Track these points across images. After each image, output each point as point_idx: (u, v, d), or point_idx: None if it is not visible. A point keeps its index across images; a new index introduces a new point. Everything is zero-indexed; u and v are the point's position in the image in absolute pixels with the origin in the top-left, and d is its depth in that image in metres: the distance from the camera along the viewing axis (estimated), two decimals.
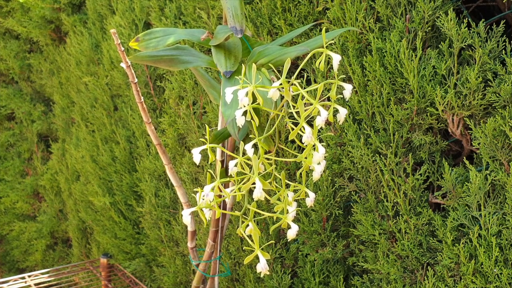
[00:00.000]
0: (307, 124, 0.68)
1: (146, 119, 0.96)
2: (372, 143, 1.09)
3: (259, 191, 0.68)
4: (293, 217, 0.73)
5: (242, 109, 0.69)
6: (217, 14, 1.45)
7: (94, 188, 2.16)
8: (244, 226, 0.73)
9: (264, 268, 0.70)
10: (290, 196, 0.74)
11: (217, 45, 0.82)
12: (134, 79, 0.91)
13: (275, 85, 0.68)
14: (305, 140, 0.68)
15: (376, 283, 1.15)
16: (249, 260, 0.70)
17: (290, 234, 0.73)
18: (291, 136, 0.69)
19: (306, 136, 0.67)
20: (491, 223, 0.93)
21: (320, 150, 0.69)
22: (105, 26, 2.08)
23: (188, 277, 1.75)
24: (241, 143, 0.72)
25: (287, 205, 0.73)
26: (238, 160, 0.73)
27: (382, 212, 1.11)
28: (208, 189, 0.72)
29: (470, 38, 0.94)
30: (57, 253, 2.74)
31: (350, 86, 0.73)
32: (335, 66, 0.70)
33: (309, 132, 0.67)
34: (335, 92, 0.72)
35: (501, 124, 0.90)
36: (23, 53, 2.81)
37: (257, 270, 0.71)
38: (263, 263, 0.70)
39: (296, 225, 0.72)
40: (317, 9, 1.20)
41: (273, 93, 0.69)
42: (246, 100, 0.68)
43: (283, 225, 0.73)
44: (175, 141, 1.69)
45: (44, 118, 2.77)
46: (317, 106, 0.67)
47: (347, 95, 0.73)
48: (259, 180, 0.68)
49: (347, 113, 0.86)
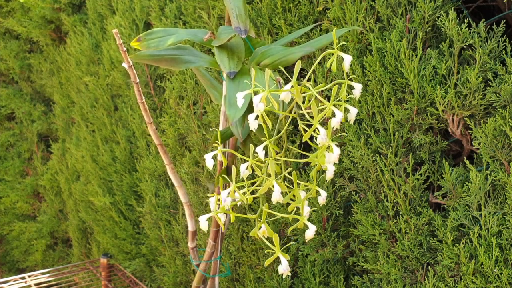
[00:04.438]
0: (320, 126, 0.68)
1: (148, 119, 0.96)
2: (372, 143, 1.09)
3: (278, 194, 0.68)
4: (307, 217, 0.73)
5: (255, 113, 0.68)
6: (218, 14, 1.45)
7: (94, 188, 2.16)
8: (258, 227, 0.72)
9: (286, 269, 0.70)
10: (302, 195, 0.74)
11: (220, 46, 0.82)
12: (136, 79, 0.91)
13: (287, 88, 0.68)
14: (319, 141, 0.67)
15: (376, 283, 1.15)
16: (269, 262, 0.69)
17: (308, 235, 0.72)
18: (305, 137, 0.69)
19: (320, 137, 0.67)
20: (491, 223, 0.93)
21: (335, 151, 0.69)
22: (105, 26, 2.08)
23: (188, 277, 1.75)
24: (251, 146, 0.72)
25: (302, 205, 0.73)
26: (249, 162, 0.73)
27: (382, 212, 1.11)
28: (225, 194, 0.72)
29: (470, 38, 0.94)
30: (57, 253, 2.74)
31: (360, 85, 0.73)
32: (347, 67, 0.70)
33: (323, 133, 0.67)
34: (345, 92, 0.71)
35: (502, 124, 0.90)
36: (23, 53, 2.81)
37: (278, 271, 0.71)
38: (285, 265, 0.70)
39: (313, 225, 0.72)
40: (318, 9, 1.20)
41: (285, 95, 0.68)
42: (262, 106, 0.67)
43: (299, 225, 0.72)
44: (176, 141, 1.69)
45: (44, 118, 2.77)
46: (331, 107, 0.68)
47: (357, 94, 0.73)
48: (276, 183, 0.68)
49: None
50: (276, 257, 0.70)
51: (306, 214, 0.72)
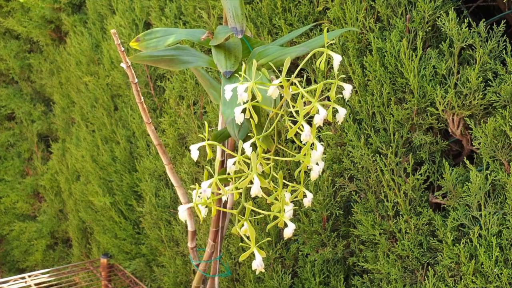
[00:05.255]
0: (306, 123, 0.68)
1: (147, 119, 0.96)
2: (373, 143, 1.09)
3: (257, 187, 0.68)
4: (290, 216, 0.74)
5: (241, 106, 0.69)
6: (218, 14, 1.45)
7: (94, 188, 2.16)
8: (240, 225, 0.73)
9: (259, 265, 0.70)
10: (287, 197, 0.75)
11: (217, 45, 0.82)
12: (134, 79, 0.91)
13: (275, 83, 0.68)
14: (303, 138, 0.68)
15: (376, 283, 1.15)
16: (244, 257, 0.70)
17: (286, 233, 0.73)
18: (289, 134, 0.69)
19: (304, 134, 0.67)
20: (491, 223, 0.93)
21: (318, 148, 0.69)
22: (105, 26, 2.08)
23: (188, 277, 1.75)
24: (240, 142, 0.72)
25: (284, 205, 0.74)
26: (236, 158, 0.73)
27: (383, 212, 1.11)
28: (206, 185, 0.72)
29: (470, 38, 0.94)
30: (57, 253, 2.74)
31: (350, 87, 0.73)
32: (336, 66, 0.70)
33: (308, 130, 0.67)
34: (335, 92, 0.72)
35: (502, 124, 0.90)
36: (23, 53, 2.81)
37: (252, 267, 0.71)
38: (258, 260, 0.70)
39: (293, 223, 0.73)
40: (317, 9, 1.20)
41: (272, 91, 0.69)
42: (245, 95, 0.68)
43: (280, 224, 0.73)
44: (176, 141, 1.69)
45: (44, 118, 2.77)
46: (316, 104, 0.68)
47: (346, 95, 0.74)
48: (257, 177, 0.68)
49: (347, 113, 0.86)
50: (251, 252, 0.71)
51: (288, 213, 0.73)
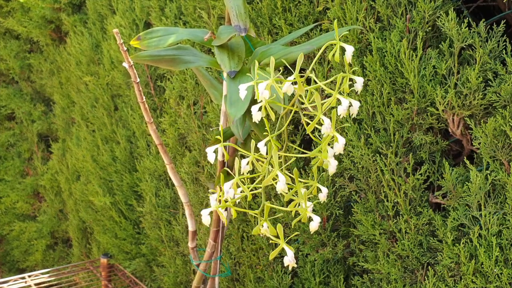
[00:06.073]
0: (325, 116, 0.67)
1: (148, 118, 0.96)
2: (373, 143, 1.09)
3: (283, 183, 0.68)
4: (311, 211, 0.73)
5: (258, 104, 0.68)
6: (218, 14, 1.45)
7: (95, 188, 2.16)
8: (260, 224, 0.72)
9: (291, 261, 0.69)
10: (303, 192, 0.74)
11: (220, 45, 0.83)
12: (136, 78, 0.91)
13: (290, 79, 0.68)
14: (324, 131, 0.67)
15: (376, 283, 1.15)
16: (274, 254, 0.69)
17: (312, 226, 0.72)
18: (308, 129, 0.68)
19: (325, 127, 0.66)
20: (491, 223, 0.93)
21: (340, 140, 0.68)
22: (105, 26, 2.08)
23: (189, 277, 1.75)
24: (252, 142, 0.72)
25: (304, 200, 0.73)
26: (250, 158, 0.73)
27: (383, 212, 1.11)
28: (228, 186, 0.72)
29: (470, 38, 0.94)
30: (57, 253, 2.74)
31: (362, 79, 0.72)
32: (349, 57, 0.70)
33: (328, 123, 0.66)
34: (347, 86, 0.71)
35: (502, 124, 0.90)
36: (23, 53, 2.81)
37: (284, 263, 0.70)
38: (290, 256, 0.69)
39: (318, 216, 0.72)
40: (318, 9, 1.20)
41: (287, 87, 0.68)
42: (266, 93, 0.67)
43: (303, 219, 0.72)
44: (176, 141, 1.69)
45: (44, 118, 2.77)
46: (337, 95, 0.67)
47: (358, 88, 0.73)
48: (281, 174, 0.68)
49: (346, 113, 0.85)
50: (281, 249, 0.70)
51: (310, 207, 0.72)
